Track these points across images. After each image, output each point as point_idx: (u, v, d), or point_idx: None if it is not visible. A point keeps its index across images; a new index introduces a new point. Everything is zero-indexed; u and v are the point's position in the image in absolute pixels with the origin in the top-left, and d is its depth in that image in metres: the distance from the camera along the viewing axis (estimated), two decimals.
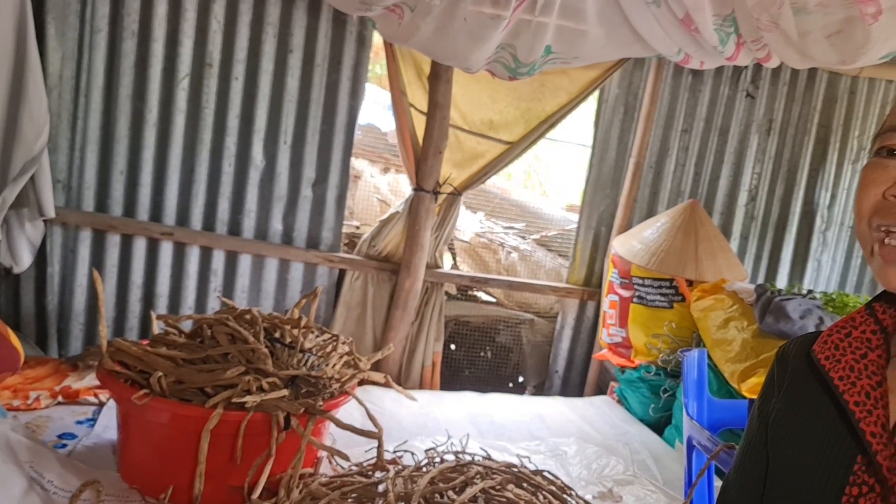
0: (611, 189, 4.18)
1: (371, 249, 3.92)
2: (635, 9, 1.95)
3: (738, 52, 2.28)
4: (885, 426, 0.82)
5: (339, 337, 2.82)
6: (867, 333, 0.90)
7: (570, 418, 3.71)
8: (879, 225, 0.81)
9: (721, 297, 3.44)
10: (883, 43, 1.82)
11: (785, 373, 1.00)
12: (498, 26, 1.93)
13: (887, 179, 0.81)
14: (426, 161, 3.73)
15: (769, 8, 1.80)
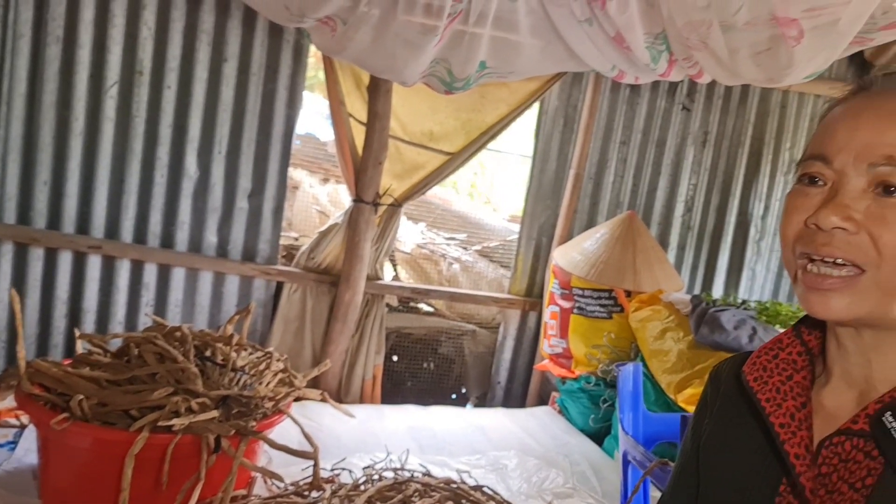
0: (551, 200, 4.20)
1: (310, 261, 3.85)
2: (568, 26, 1.95)
3: (670, 68, 2.31)
4: (808, 447, 0.84)
5: (273, 354, 2.75)
6: (793, 355, 0.92)
7: (511, 430, 3.71)
8: (802, 252, 0.82)
9: (658, 308, 3.48)
10: (806, 64, 1.86)
11: (717, 393, 1.01)
12: (431, 41, 1.91)
13: (809, 207, 0.82)
14: (366, 172, 3.69)
15: (698, 28, 1.82)
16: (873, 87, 0.85)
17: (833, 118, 0.85)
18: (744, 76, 2.00)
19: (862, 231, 0.78)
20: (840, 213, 0.78)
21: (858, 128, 0.80)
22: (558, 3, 1.86)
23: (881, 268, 0.77)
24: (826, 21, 1.73)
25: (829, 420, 0.86)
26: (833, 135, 0.82)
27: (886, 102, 0.81)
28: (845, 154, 0.80)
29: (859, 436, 0.80)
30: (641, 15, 1.86)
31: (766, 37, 1.80)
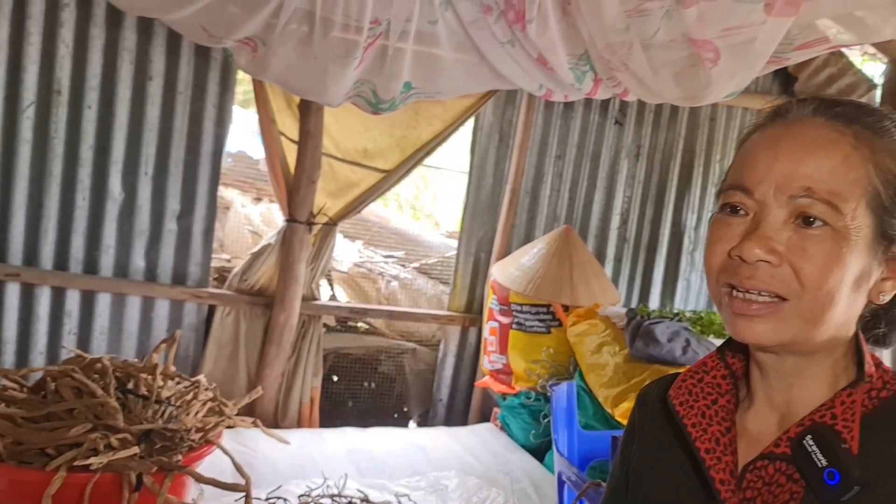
0: (489, 215, 4.20)
1: (242, 283, 3.76)
2: (490, 48, 1.94)
3: (596, 88, 2.32)
4: (733, 473, 0.84)
5: (201, 383, 2.66)
6: (717, 378, 0.93)
7: (452, 449, 3.67)
8: (726, 283, 0.82)
9: (594, 322, 3.50)
10: (725, 84, 1.88)
11: (645, 417, 1.02)
12: (350, 63, 1.88)
13: (732, 238, 0.82)
14: (299, 191, 3.62)
15: (618, 50, 1.83)
16: (790, 112, 0.85)
17: (752, 146, 0.84)
18: (665, 96, 2.02)
19: (784, 263, 0.78)
20: (763, 245, 0.78)
21: (777, 158, 0.80)
22: (479, 25, 1.85)
23: (803, 298, 0.78)
24: (741, 41, 1.75)
25: (752, 443, 0.87)
26: (753, 165, 0.82)
27: (804, 131, 0.81)
28: (765, 185, 0.80)
29: (782, 459, 0.81)
30: (562, 37, 1.86)
31: (684, 57, 1.82)
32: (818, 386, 0.85)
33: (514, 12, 1.74)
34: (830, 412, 0.81)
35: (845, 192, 0.77)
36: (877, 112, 0.83)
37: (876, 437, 0.79)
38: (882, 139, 0.81)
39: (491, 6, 1.78)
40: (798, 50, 2.10)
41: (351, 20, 1.75)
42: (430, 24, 1.86)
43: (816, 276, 0.77)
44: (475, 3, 1.79)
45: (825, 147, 0.79)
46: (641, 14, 1.75)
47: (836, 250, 0.77)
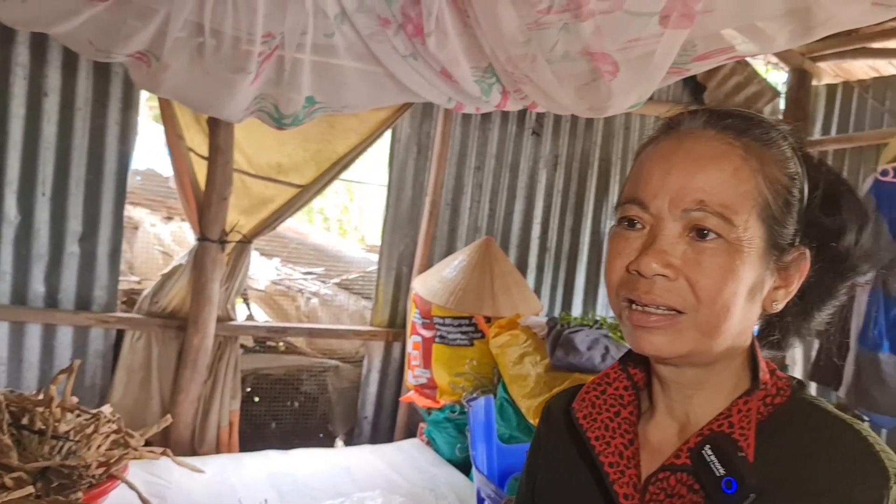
0: (409, 228, 4.16)
1: (153, 306, 3.60)
2: (393, 62, 1.91)
3: (504, 100, 2.31)
4: (636, 486, 0.84)
5: (102, 414, 2.52)
6: (619, 390, 0.93)
7: (377, 467, 3.60)
8: (625, 297, 0.82)
9: (516, 333, 3.49)
10: (626, 95, 1.90)
11: (550, 431, 1.01)
12: (244, 79, 1.81)
13: (630, 252, 0.82)
14: (210, 209, 3.50)
15: (520, 63, 1.82)
16: (682, 125, 0.85)
17: (646, 159, 0.85)
18: (570, 108, 2.02)
19: (680, 276, 0.79)
20: (659, 259, 0.79)
21: (670, 172, 0.81)
22: (378, 38, 1.81)
23: (699, 311, 0.78)
24: (639, 54, 1.77)
25: (654, 455, 0.87)
26: (647, 179, 0.82)
27: (696, 145, 0.82)
28: (660, 199, 0.80)
29: (682, 470, 0.81)
30: (465, 50, 1.85)
31: (585, 70, 1.83)
32: (717, 396, 0.85)
33: (412, 25, 1.71)
34: (728, 421, 0.81)
35: (737, 204, 0.79)
36: (765, 123, 0.85)
37: (771, 443, 0.79)
38: (770, 150, 0.83)
39: (389, 19, 1.75)
40: (698, 61, 2.13)
41: (242, 33, 1.68)
42: (326, 37, 1.81)
43: (712, 289, 0.78)
44: (372, 16, 1.75)
45: (716, 160, 0.80)
46: (540, 27, 1.75)
47: (729, 262, 0.78)
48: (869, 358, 3.35)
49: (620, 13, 1.61)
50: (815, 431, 0.79)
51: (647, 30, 1.72)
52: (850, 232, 0.87)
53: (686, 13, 1.75)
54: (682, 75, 2.25)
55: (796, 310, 0.89)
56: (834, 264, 0.87)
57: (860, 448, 0.76)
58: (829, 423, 0.80)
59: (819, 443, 0.78)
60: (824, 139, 4.66)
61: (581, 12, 1.60)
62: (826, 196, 0.86)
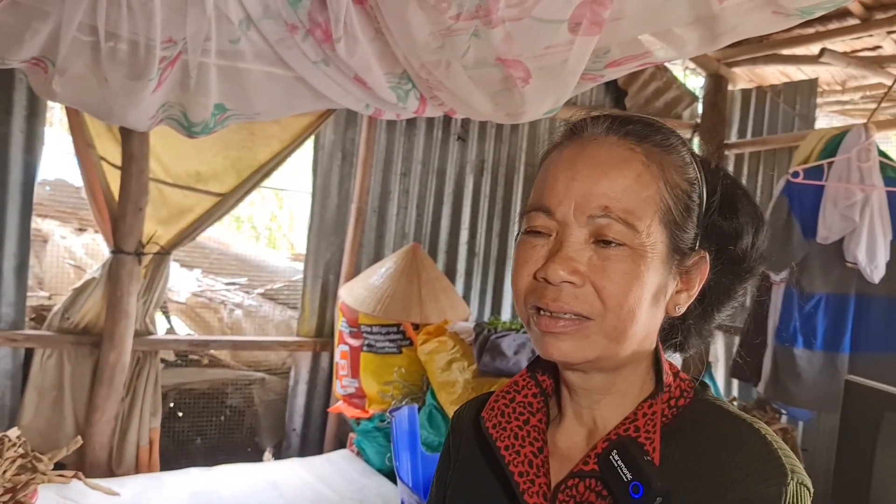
0: (335, 236, 4.10)
1: (65, 322, 3.44)
2: (304, 68, 1.86)
3: (423, 106, 2.29)
4: (546, 494, 0.83)
5: (7, 438, 2.39)
6: (528, 397, 0.92)
7: (306, 481, 3.53)
8: (533, 305, 0.82)
9: (444, 339, 3.48)
10: (539, 102, 1.90)
11: (460, 442, 0.99)
12: (145, 87, 1.74)
13: (537, 259, 0.82)
14: (125, 219, 3.37)
15: (434, 70, 1.81)
16: (584, 131, 0.86)
17: (551, 166, 0.85)
18: (486, 114, 2.02)
19: (587, 283, 0.79)
20: (566, 267, 0.79)
21: (575, 178, 0.81)
22: (287, 44, 1.76)
23: (606, 317, 0.79)
24: (551, 61, 1.78)
25: (564, 461, 0.87)
26: (553, 186, 0.82)
27: (598, 151, 0.82)
28: (565, 206, 0.80)
29: (591, 476, 0.81)
30: (378, 56, 1.82)
31: (498, 77, 1.82)
32: (623, 400, 0.86)
33: (320, 31, 1.67)
34: (633, 425, 0.82)
35: (639, 210, 0.80)
36: (664, 129, 0.86)
37: (675, 445, 0.81)
38: (671, 156, 0.84)
39: (296, 25, 1.70)
40: (611, 66, 2.15)
41: (140, 37, 1.61)
42: (231, 43, 1.75)
43: (618, 295, 0.78)
44: (279, 22, 1.70)
45: (618, 166, 0.81)
46: (452, 34, 1.73)
47: (634, 268, 0.79)
48: (785, 353, 3.46)
49: (529, 20, 1.61)
50: (717, 432, 0.81)
51: (557, 37, 1.72)
52: (747, 234, 0.90)
53: (595, 20, 1.76)
54: (596, 81, 2.27)
55: (697, 312, 0.91)
56: (732, 266, 0.90)
57: (760, 447, 0.77)
58: (731, 423, 0.82)
59: (721, 443, 0.79)
60: (741, 142, 4.82)
61: (490, 19, 1.59)
62: (723, 200, 0.88)
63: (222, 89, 1.92)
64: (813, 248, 3.38)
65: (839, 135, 3.46)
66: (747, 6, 1.88)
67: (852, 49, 4.27)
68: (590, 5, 1.74)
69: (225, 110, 2.03)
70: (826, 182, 3.34)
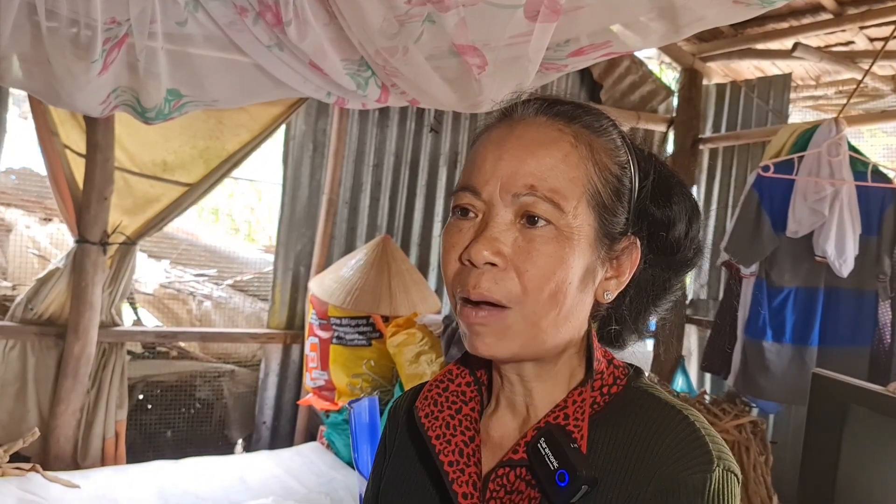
0: (306, 227, 4.07)
1: (28, 313, 3.39)
2: (258, 52, 1.83)
3: (385, 94, 2.26)
4: (476, 484, 0.82)
5: None
6: (462, 386, 0.90)
7: (274, 474, 3.50)
8: (461, 297, 0.80)
9: (413, 332, 3.46)
10: (497, 91, 1.88)
11: (395, 432, 0.98)
12: (90, 69, 1.70)
13: (463, 242, 0.80)
14: (89, 209, 3.32)
15: (390, 57, 1.78)
16: (515, 113, 0.84)
17: (480, 147, 0.84)
18: (444, 103, 2.00)
19: (510, 266, 0.77)
20: (490, 247, 0.77)
21: (502, 157, 0.79)
22: (238, 27, 1.73)
23: (525, 303, 0.77)
24: (506, 48, 1.76)
25: (495, 450, 0.86)
26: (480, 165, 0.81)
27: (527, 130, 0.81)
28: (492, 185, 0.79)
29: (520, 465, 0.80)
30: (333, 42, 1.78)
31: (453, 64, 1.80)
32: (555, 388, 0.85)
33: (271, 14, 1.64)
34: (563, 412, 0.81)
35: (566, 189, 0.78)
36: (595, 111, 0.85)
37: (604, 433, 0.80)
38: (601, 138, 0.83)
39: (246, 7, 1.67)
40: (573, 56, 2.14)
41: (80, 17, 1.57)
42: (178, 25, 1.71)
43: (539, 279, 0.77)
44: (227, 3, 1.67)
45: (546, 145, 0.80)
46: (409, 20, 1.71)
47: (559, 251, 0.78)
48: (754, 346, 3.47)
49: (483, 5, 1.59)
50: (645, 419, 0.80)
51: (513, 23, 1.70)
52: (680, 223, 0.88)
53: (553, 7, 1.74)
54: (560, 71, 2.25)
55: (633, 305, 0.90)
56: (665, 256, 0.89)
57: (687, 433, 0.77)
58: (660, 410, 0.81)
59: (649, 430, 0.78)
60: (715, 136, 4.82)
61: (444, 4, 1.57)
62: (656, 188, 0.87)
63: (173, 74, 1.88)
64: (783, 242, 3.39)
65: (810, 129, 3.46)
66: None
67: (826, 44, 4.28)
68: None
69: (180, 96, 2.00)
70: (796, 176, 3.34)
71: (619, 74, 4.80)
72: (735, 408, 3.51)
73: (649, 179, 0.86)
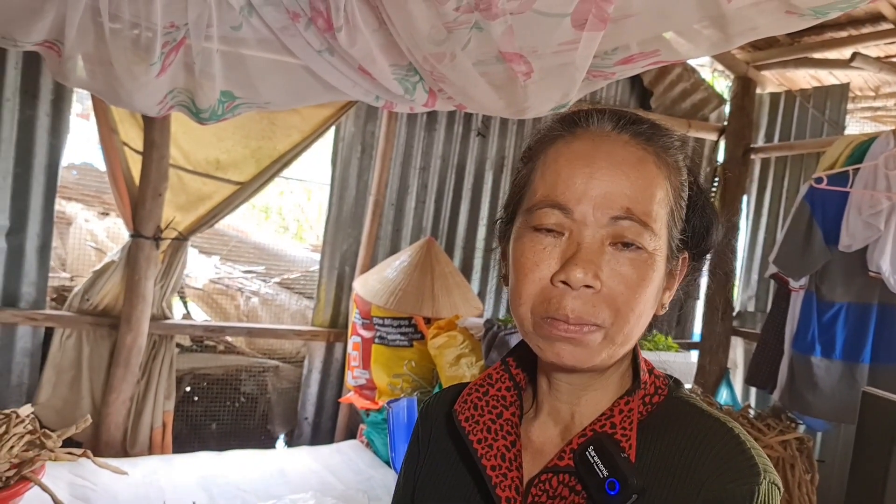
0: (353, 228, 4.12)
1: (84, 303, 3.52)
2: (309, 57, 1.87)
3: (432, 99, 2.29)
4: (518, 488, 0.83)
5: (15, 414, 2.44)
6: (502, 391, 0.91)
7: (313, 469, 3.55)
8: (547, 317, 0.78)
9: (454, 334, 3.48)
10: (544, 97, 1.89)
11: (430, 433, 0.98)
12: (149, 70, 1.77)
13: (550, 262, 0.79)
14: (144, 204, 3.43)
15: (437, 63, 1.80)
16: (591, 125, 0.83)
17: (562, 160, 0.81)
18: (491, 109, 2.01)
19: (603, 289, 0.77)
20: (589, 269, 0.76)
21: (594, 176, 0.78)
22: (290, 32, 1.77)
23: (615, 323, 0.78)
24: (553, 56, 1.76)
25: (537, 456, 0.87)
26: (568, 181, 0.79)
27: (615, 148, 0.80)
28: (584, 204, 0.78)
29: (565, 471, 0.81)
30: (382, 47, 1.82)
31: (500, 70, 1.82)
32: (603, 397, 0.86)
33: (322, 20, 1.68)
34: (610, 421, 0.82)
35: (654, 213, 0.79)
36: (668, 131, 0.85)
37: (650, 443, 0.80)
38: (672, 157, 0.84)
39: (298, 13, 1.71)
40: (621, 65, 2.13)
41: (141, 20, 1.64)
42: (233, 29, 1.77)
43: (631, 301, 0.78)
44: (281, 9, 1.71)
45: (636, 167, 0.80)
46: (457, 26, 1.73)
47: (647, 273, 0.79)
48: (802, 361, 3.40)
49: (531, 13, 1.60)
50: (690, 430, 0.81)
51: (560, 31, 1.71)
52: (714, 232, 0.89)
53: (600, 16, 1.74)
54: (608, 79, 2.25)
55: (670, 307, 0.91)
56: (698, 263, 0.90)
57: (732, 445, 0.78)
58: (704, 421, 0.82)
59: (694, 441, 0.79)
60: (768, 146, 4.73)
61: (491, 11, 1.59)
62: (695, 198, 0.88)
63: (228, 76, 1.94)
64: (835, 256, 3.31)
65: (867, 141, 3.37)
66: (757, 6, 1.85)
67: (886, 54, 4.16)
68: (595, 1, 1.72)
69: (233, 98, 2.05)
70: (851, 189, 3.26)
71: (671, 82, 4.75)
72: (780, 423, 3.43)
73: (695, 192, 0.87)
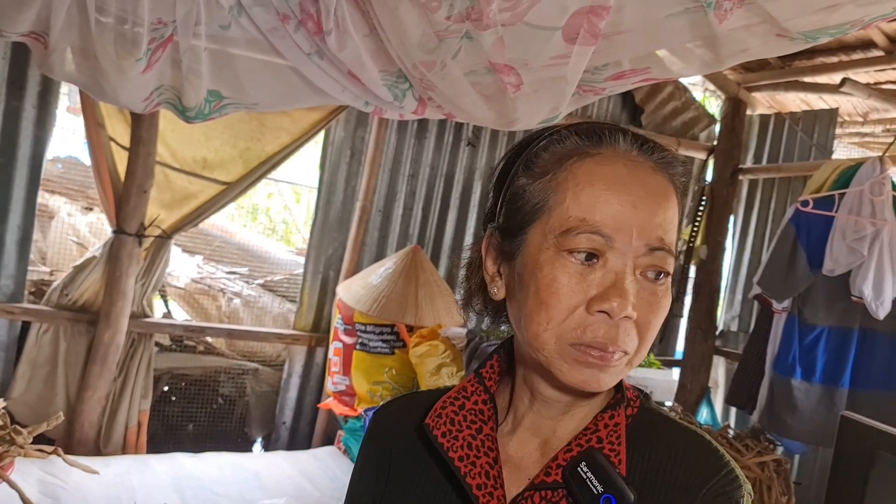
0: (339, 232, 4.10)
1: (63, 298, 3.48)
2: (298, 59, 1.86)
3: (422, 107, 2.27)
4: None
5: None
6: (479, 404, 0.88)
7: (288, 475, 3.52)
8: (580, 344, 0.76)
9: (435, 343, 3.46)
10: (534, 110, 1.88)
11: (388, 450, 0.93)
12: (135, 66, 1.75)
13: (587, 289, 0.76)
14: (129, 201, 3.40)
15: (427, 71, 1.79)
16: (617, 144, 0.80)
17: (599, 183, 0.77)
18: (480, 119, 2.01)
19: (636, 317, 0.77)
20: (629, 301, 0.75)
21: (636, 206, 0.76)
22: (280, 34, 1.76)
23: (639, 349, 0.79)
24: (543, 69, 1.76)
25: (515, 471, 0.85)
26: (608, 208, 0.76)
27: (647, 177, 0.79)
28: (625, 233, 0.76)
29: (552, 488, 0.79)
30: (372, 53, 1.81)
31: (490, 81, 1.81)
32: (590, 412, 0.85)
33: (312, 22, 1.67)
34: (595, 436, 0.81)
35: (675, 242, 0.81)
36: (676, 156, 0.85)
37: (636, 454, 0.80)
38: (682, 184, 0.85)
39: (288, 15, 1.70)
40: (611, 81, 2.13)
41: (128, 15, 1.62)
42: (222, 28, 1.75)
43: (654, 330, 0.79)
44: (270, 10, 1.70)
45: (667, 197, 0.80)
46: (448, 35, 1.72)
47: (667, 299, 0.79)
48: (782, 383, 3.40)
49: (522, 25, 1.60)
50: (668, 442, 0.82)
51: (551, 45, 1.71)
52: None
53: (592, 31, 1.74)
54: (598, 94, 2.24)
55: None
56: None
57: (713, 460, 0.80)
58: (680, 433, 0.83)
59: (673, 452, 0.81)
60: (755, 167, 4.76)
61: (482, 22, 1.58)
62: None
63: (215, 75, 1.92)
64: (818, 280, 3.32)
65: (854, 166, 3.40)
66: (749, 28, 1.86)
67: (875, 81, 4.20)
68: (586, 16, 1.72)
69: (221, 97, 2.04)
70: (836, 213, 3.28)
71: (662, 99, 4.77)
72: (759, 444, 3.44)
73: None
